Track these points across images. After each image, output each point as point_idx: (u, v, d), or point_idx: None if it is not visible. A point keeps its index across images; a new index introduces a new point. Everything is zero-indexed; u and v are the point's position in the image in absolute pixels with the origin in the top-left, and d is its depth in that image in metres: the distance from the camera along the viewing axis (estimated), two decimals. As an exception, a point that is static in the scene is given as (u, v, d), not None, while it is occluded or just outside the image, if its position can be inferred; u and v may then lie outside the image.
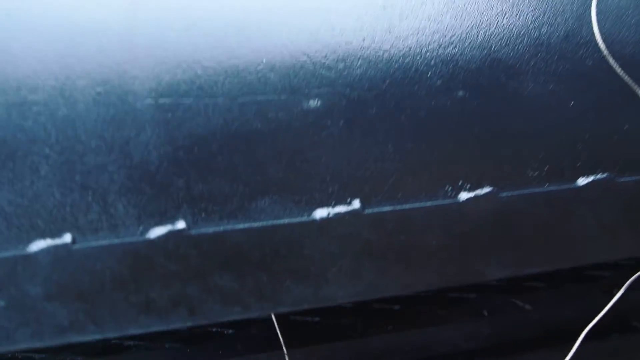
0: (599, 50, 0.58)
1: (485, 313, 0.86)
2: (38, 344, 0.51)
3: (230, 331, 0.84)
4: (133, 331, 0.53)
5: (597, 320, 0.64)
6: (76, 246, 0.51)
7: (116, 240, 0.51)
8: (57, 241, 0.50)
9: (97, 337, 0.54)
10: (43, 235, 0.50)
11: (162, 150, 0.52)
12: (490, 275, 0.48)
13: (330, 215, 0.50)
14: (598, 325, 0.68)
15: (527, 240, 0.49)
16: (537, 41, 0.56)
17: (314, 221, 0.50)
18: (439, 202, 0.50)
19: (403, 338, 0.82)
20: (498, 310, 0.86)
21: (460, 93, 0.54)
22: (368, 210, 0.50)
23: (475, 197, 0.50)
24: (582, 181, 0.53)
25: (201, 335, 0.80)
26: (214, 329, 0.86)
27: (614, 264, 1.13)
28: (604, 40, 0.58)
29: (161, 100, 0.52)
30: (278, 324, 0.76)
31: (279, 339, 0.68)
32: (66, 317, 0.52)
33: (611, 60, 0.58)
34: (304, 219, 0.50)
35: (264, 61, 0.53)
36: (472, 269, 0.48)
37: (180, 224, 0.51)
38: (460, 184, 0.51)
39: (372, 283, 0.48)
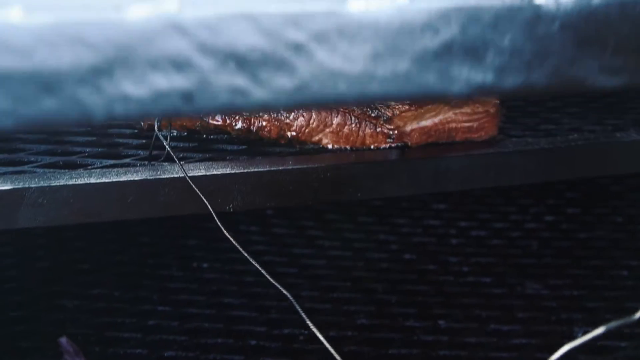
0: None
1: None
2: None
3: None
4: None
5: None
6: (26, 22, 0.39)
7: (78, 18, 0.39)
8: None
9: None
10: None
11: None
12: (595, 83, 0.40)
13: (369, 7, 0.39)
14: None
15: (629, 47, 0.41)
16: None
17: (348, 12, 0.40)
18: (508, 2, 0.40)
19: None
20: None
21: None
22: (415, 5, 0.40)
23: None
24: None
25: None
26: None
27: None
28: None
29: None
30: None
31: None
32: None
33: None
34: (335, 7, 0.39)
35: None
36: (567, 75, 0.40)
37: (169, 4, 0.39)
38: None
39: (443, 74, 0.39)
